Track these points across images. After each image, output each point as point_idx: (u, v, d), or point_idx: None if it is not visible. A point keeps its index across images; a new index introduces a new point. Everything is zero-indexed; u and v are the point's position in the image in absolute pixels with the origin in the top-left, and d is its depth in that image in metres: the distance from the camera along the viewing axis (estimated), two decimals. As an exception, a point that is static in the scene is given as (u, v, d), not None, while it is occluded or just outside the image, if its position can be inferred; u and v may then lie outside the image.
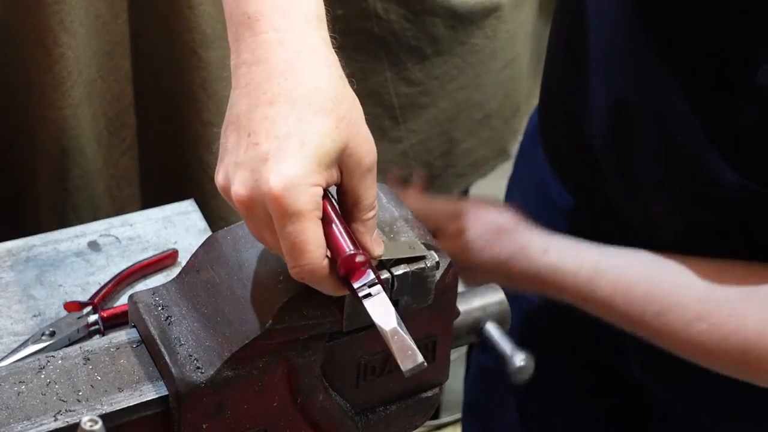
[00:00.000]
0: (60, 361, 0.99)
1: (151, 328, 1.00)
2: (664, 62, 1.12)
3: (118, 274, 1.30)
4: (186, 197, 1.45)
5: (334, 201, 0.93)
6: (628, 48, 1.16)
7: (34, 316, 1.26)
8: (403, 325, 0.92)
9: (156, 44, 1.75)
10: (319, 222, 0.90)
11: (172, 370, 0.96)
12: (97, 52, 1.68)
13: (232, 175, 0.91)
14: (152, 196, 1.84)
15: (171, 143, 1.84)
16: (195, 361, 0.97)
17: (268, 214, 0.90)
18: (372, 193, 0.94)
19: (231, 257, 1.02)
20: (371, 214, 0.94)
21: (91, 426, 0.81)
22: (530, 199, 1.45)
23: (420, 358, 0.91)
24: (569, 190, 1.36)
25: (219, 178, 0.93)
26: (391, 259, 0.98)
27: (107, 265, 1.33)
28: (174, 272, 1.30)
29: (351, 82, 0.95)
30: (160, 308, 1.02)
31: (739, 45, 1.06)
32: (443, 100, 1.96)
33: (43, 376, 0.98)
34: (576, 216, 1.35)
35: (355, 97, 0.94)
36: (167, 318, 1.01)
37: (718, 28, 1.07)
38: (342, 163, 0.91)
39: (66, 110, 1.66)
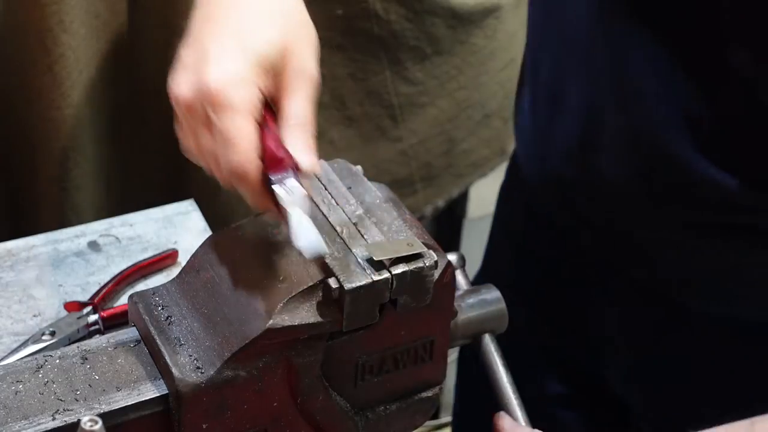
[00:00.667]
0: (58, 361, 0.99)
1: (151, 328, 1.00)
2: (635, 45, 1.09)
3: (118, 274, 1.30)
4: (186, 197, 1.45)
5: (273, 113, 0.97)
6: (598, 34, 1.13)
7: (34, 316, 1.26)
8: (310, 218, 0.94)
9: (156, 44, 1.75)
10: (254, 122, 0.93)
11: (172, 370, 0.96)
12: (97, 52, 1.68)
13: (175, 77, 0.98)
14: (152, 196, 1.84)
15: (171, 143, 1.83)
16: (195, 361, 0.97)
17: (206, 113, 0.94)
18: (304, 107, 0.97)
19: (231, 257, 1.02)
20: (301, 125, 0.96)
21: (91, 426, 0.81)
22: (516, 216, 1.44)
23: (314, 242, 0.93)
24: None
25: (171, 89, 0.99)
26: (391, 258, 0.98)
27: (107, 265, 1.33)
28: (174, 272, 1.30)
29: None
30: (160, 308, 1.02)
31: (710, 24, 1.03)
32: (443, 100, 1.96)
33: (40, 375, 0.98)
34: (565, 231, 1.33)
35: (310, 22, 1.01)
36: (167, 318, 1.01)
37: (689, 6, 1.04)
38: (279, 73, 0.96)
39: (66, 110, 1.66)
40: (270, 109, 0.97)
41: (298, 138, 0.96)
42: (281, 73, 0.97)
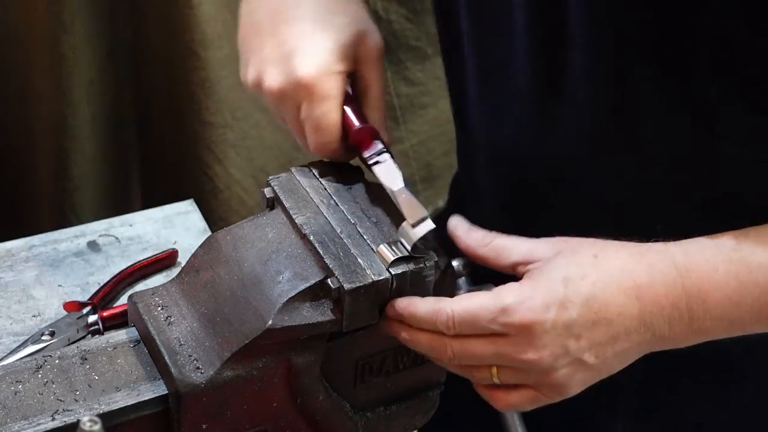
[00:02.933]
0: (57, 361, 0.99)
1: (151, 328, 0.99)
2: None
3: (118, 274, 1.30)
4: (186, 197, 1.45)
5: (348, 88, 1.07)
6: None
7: (34, 316, 1.26)
8: (410, 186, 1.02)
9: (156, 44, 1.75)
10: (340, 107, 1.04)
11: (172, 370, 0.96)
12: (96, 52, 1.68)
13: (262, 71, 1.06)
14: (152, 196, 1.84)
15: (171, 143, 1.84)
16: (195, 362, 0.97)
17: (295, 102, 1.04)
18: (380, 80, 1.08)
19: (231, 257, 1.02)
20: (379, 98, 1.08)
21: (91, 426, 0.81)
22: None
23: (424, 212, 0.99)
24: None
25: (249, 77, 1.08)
26: (390, 259, 0.99)
27: (107, 265, 1.33)
28: (174, 272, 1.30)
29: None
30: (159, 308, 1.02)
31: None
32: (443, 100, 1.96)
33: (40, 375, 0.98)
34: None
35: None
36: (167, 318, 1.01)
37: None
38: (355, 54, 1.05)
39: (65, 110, 1.66)
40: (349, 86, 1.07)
41: (380, 116, 1.08)
42: (357, 53, 1.06)
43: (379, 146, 1.05)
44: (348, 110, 1.05)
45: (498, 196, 1.22)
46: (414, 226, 0.99)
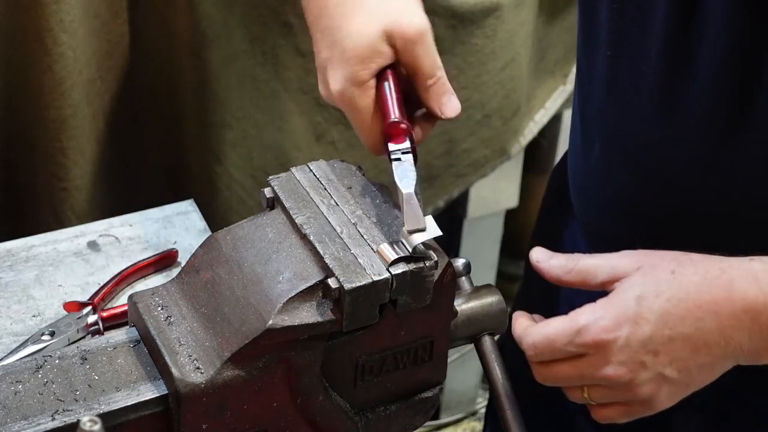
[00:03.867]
0: (57, 361, 0.99)
1: (151, 328, 1.00)
2: None
3: (118, 274, 1.30)
4: (186, 197, 1.45)
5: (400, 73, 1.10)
6: None
7: (34, 316, 1.26)
8: (419, 194, 1.03)
9: (156, 44, 1.75)
10: (372, 106, 1.08)
11: (172, 370, 0.96)
12: (96, 52, 1.68)
13: (320, 76, 1.12)
14: (152, 196, 1.84)
15: (171, 143, 1.84)
16: (195, 362, 0.97)
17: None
18: (428, 61, 1.09)
19: (231, 257, 1.02)
20: (431, 80, 1.10)
21: (91, 426, 0.81)
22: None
23: (423, 224, 1.00)
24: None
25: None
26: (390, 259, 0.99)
27: (107, 265, 1.33)
28: (174, 272, 1.30)
29: None
30: (159, 308, 1.02)
31: None
32: (443, 100, 1.96)
33: (40, 375, 0.98)
34: None
35: None
36: (167, 318, 1.01)
37: None
38: (391, 43, 1.08)
39: (65, 110, 1.65)
40: (394, 70, 1.09)
41: (438, 93, 1.10)
42: (393, 42, 1.08)
43: (406, 145, 1.06)
44: (390, 100, 1.08)
45: (611, 186, 1.21)
46: (410, 233, 1.00)
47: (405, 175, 1.04)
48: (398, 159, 1.05)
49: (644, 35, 1.10)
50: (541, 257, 1.05)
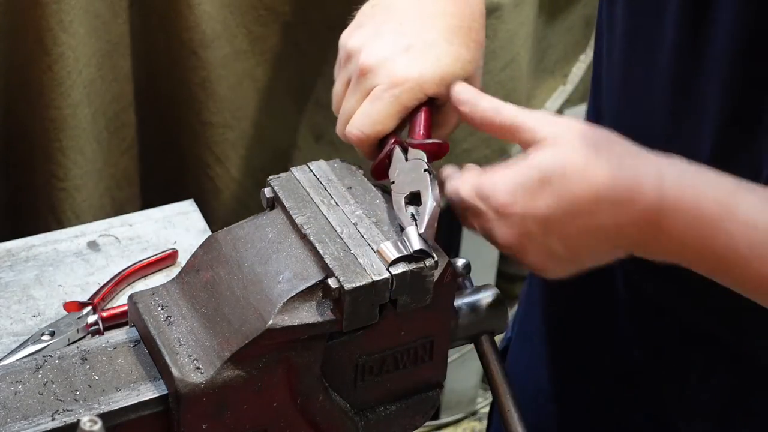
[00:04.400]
0: (57, 361, 0.99)
1: (151, 328, 0.99)
2: None
3: (118, 274, 1.30)
4: (186, 197, 1.45)
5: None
6: None
7: (34, 316, 1.26)
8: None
9: (156, 44, 1.75)
10: (400, 114, 1.08)
11: (172, 370, 0.96)
12: (96, 52, 1.68)
13: (368, 41, 1.09)
14: (152, 196, 1.84)
15: (171, 143, 1.84)
16: (195, 362, 0.97)
17: (375, 80, 1.09)
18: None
19: (231, 257, 1.02)
20: (444, 125, 1.13)
21: (91, 426, 0.81)
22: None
23: (430, 248, 1.00)
24: None
25: (351, 41, 1.11)
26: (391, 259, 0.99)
27: (107, 265, 1.33)
28: (174, 272, 1.29)
29: None
30: (159, 308, 1.02)
31: None
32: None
33: (40, 375, 0.98)
34: None
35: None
36: (167, 318, 1.01)
37: None
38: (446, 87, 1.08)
39: (65, 110, 1.66)
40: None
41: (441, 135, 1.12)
42: (455, 98, 1.08)
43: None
44: (422, 119, 1.10)
45: None
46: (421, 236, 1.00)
47: (432, 187, 1.05)
48: (430, 172, 1.06)
49: (656, 36, 1.11)
50: (466, 96, 1.07)
